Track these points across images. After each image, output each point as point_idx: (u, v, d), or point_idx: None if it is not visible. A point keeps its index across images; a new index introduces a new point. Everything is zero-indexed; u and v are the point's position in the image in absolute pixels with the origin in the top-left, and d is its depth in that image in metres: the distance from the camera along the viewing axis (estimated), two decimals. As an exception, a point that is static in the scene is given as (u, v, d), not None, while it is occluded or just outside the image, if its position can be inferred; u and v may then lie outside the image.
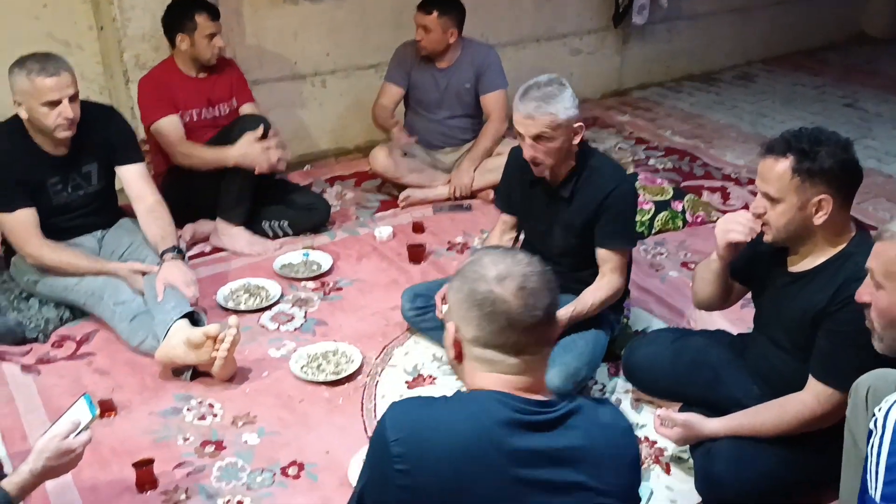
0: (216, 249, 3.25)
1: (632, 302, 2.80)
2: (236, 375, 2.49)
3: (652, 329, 2.67)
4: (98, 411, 1.81)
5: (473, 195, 3.67)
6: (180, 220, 3.26)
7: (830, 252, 1.88)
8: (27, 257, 2.67)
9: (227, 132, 3.22)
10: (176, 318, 2.46)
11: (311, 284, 3.01)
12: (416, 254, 3.15)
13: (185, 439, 2.24)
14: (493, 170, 3.59)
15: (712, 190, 3.76)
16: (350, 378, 2.48)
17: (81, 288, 2.66)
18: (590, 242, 2.35)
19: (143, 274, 2.63)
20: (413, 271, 3.08)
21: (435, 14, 3.45)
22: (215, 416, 2.33)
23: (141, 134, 3.30)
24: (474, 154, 3.64)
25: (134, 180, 2.79)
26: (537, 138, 2.23)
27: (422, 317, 2.61)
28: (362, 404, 2.39)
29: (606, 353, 2.45)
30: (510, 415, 1.26)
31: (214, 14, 3.21)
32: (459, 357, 1.34)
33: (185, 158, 3.18)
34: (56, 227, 2.72)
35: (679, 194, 3.49)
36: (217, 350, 2.36)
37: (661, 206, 3.38)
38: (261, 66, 3.93)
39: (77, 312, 2.75)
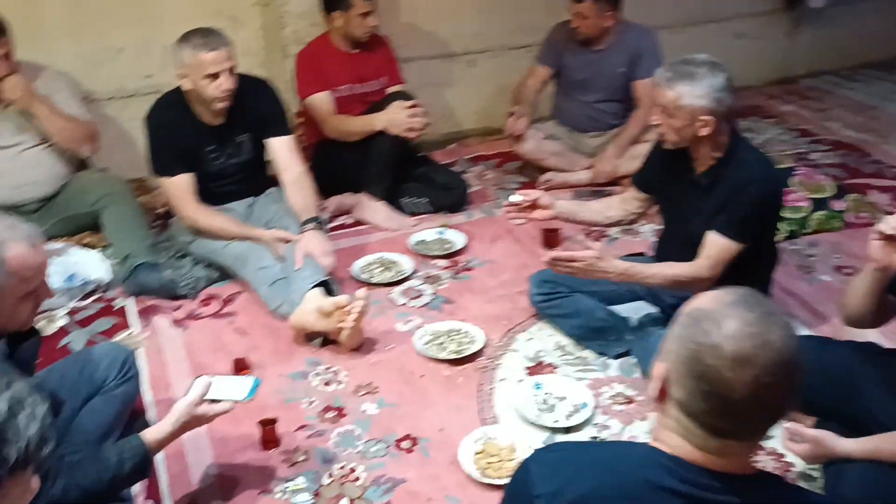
0: (357, 223, 3.36)
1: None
2: (364, 345, 2.57)
3: (795, 335, 2.50)
4: (253, 396, 1.93)
5: (616, 182, 3.57)
6: (327, 192, 3.42)
7: None
8: (183, 219, 2.87)
9: (377, 107, 3.32)
10: (310, 285, 2.56)
11: (442, 262, 3.05)
12: (551, 238, 3.11)
13: (310, 403, 2.34)
14: (639, 157, 3.40)
15: (882, 189, 3.47)
16: (471, 358, 2.49)
17: (228, 251, 2.82)
18: None
19: (285, 242, 2.76)
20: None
21: (589, 1, 3.37)
22: (339, 383, 2.42)
23: (295, 106, 3.46)
24: (620, 140, 3.54)
25: (281, 152, 2.93)
26: (663, 109, 2.18)
27: (548, 303, 2.57)
28: (480, 386, 2.40)
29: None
30: (672, 484, 1.10)
31: (370, -8, 3.30)
32: (661, 399, 1.17)
33: (335, 131, 3.31)
34: (211, 193, 2.90)
35: (841, 193, 3.23)
36: (345, 320, 2.44)
37: (818, 205, 3.15)
38: (412, 44, 3.98)
39: (225, 274, 2.92)
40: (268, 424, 2.16)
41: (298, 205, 2.85)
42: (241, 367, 2.45)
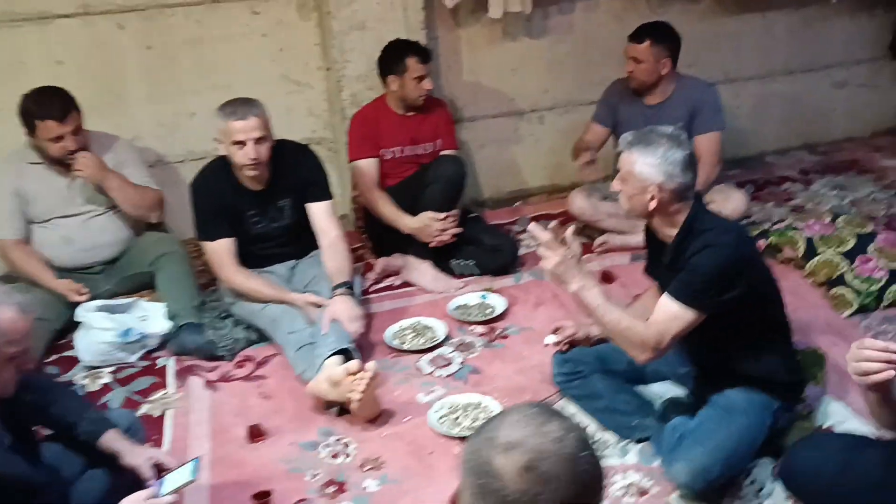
0: (405, 284, 3.34)
1: (827, 388, 2.40)
2: (381, 416, 2.53)
3: (844, 427, 2.26)
4: (196, 478, 1.94)
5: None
6: (379, 253, 3.44)
7: None
8: (223, 281, 2.95)
9: (424, 171, 3.34)
10: (329, 353, 2.56)
11: (479, 328, 2.97)
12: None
13: (314, 475, 2.32)
14: None
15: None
16: (484, 435, 2.40)
17: (265, 314, 2.88)
18: (712, 318, 2.05)
19: (317, 306, 2.78)
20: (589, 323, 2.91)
21: (648, 43, 3.26)
22: (347, 455, 2.39)
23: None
24: (681, 201, 3.36)
25: (319, 216, 2.97)
26: (620, 174, 2.14)
27: (569, 383, 2.46)
28: (489, 466, 2.30)
29: (773, 446, 2.13)
30: None
31: (425, 57, 3.32)
32: None
33: (368, 203, 3.36)
34: (253, 255, 2.98)
35: (927, 263, 2.92)
36: (354, 391, 2.42)
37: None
38: (476, 102, 3.98)
39: (263, 336, 2.98)
40: (261, 498, 2.16)
41: (332, 269, 2.88)
42: (255, 433, 2.48)
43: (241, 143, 2.75)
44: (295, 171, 2.96)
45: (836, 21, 4.18)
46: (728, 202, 3.32)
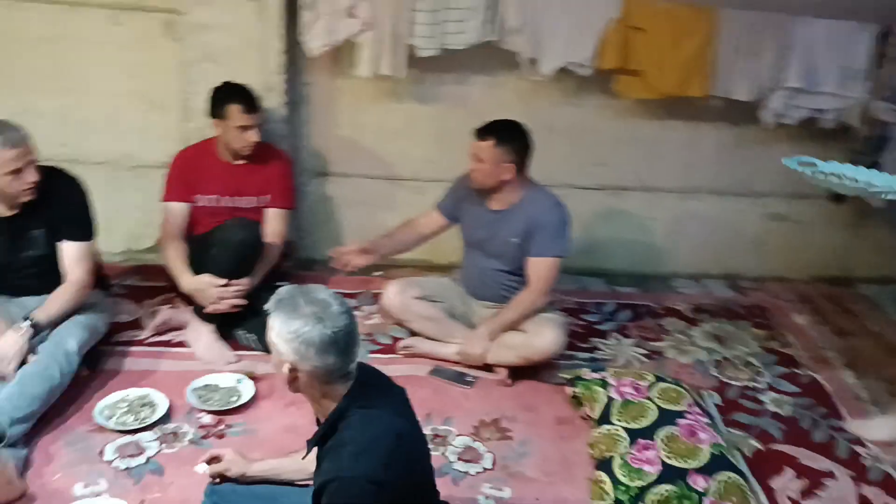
0: (182, 343, 3.07)
1: None
2: (22, 499, 2.26)
3: None
4: None
5: (488, 368, 3.00)
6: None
7: None
8: None
9: (216, 230, 3.05)
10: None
11: (207, 418, 2.67)
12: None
13: None
14: (514, 348, 2.94)
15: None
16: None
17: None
18: None
19: None
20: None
21: (490, 142, 2.88)
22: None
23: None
24: (496, 322, 2.98)
25: (67, 256, 2.76)
26: None
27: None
28: None
29: None
30: None
31: (250, 107, 3.04)
32: None
33: (161, 249, 3.12)
34: (4, 284, 2.78)
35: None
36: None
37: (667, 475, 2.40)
38: (351, 160, 3.70)
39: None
40: None
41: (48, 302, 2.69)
42: None
43: (18, 171, 2.55)
44: (56, 203, 2.72)
45: (775, 146, 3.67)
46: (536, 338, 2.91)
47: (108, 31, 3.40)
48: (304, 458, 1.94)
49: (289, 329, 1.69)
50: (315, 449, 1.86)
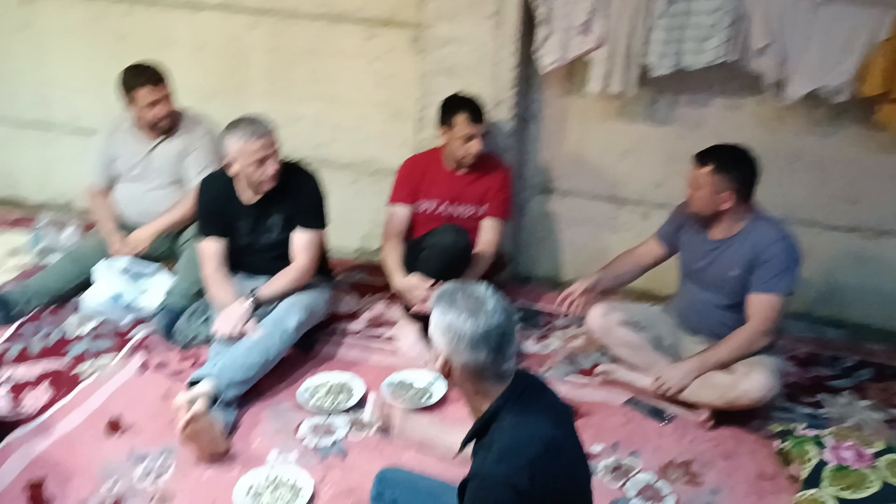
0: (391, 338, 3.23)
1: None
2: (225, 458, 2.50)
3: None
4: None
5: (687, 405, 2.80)
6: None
7: None
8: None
9: (428, 235, 3.20)
10: (189, 379, 2.64)
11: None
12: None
13: (113, 484, 2.37)
14: (717, 388, 2.74)
15: None
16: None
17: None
18: None
19: None
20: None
21: (709, 169, 2.71)
22: (155, 481, 2.40)
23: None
24: (705, 357, 2.77)
25: (296, 242, 3.03)
26: None
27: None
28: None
29: None
30: None
31: (476, 117, 3.15)
32: None
33: (382, 249, 3.31)
34: (243, 264, 3.12)
35: None
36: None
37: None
38: (576, 177, 3.66)
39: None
40: (36, 487, 2.28)
41: (272, 280, 2.95)
42: (114, 426, 2.61)
43: (262, 161, 2.86)
44: (294, 194, 3.00)
45: None
46: (744, 380, 2.65)
47: (362, 44, 3.69)
48: (454, 458, 1.94)
49: (444, 321, 1.72)
50: (470, 446, 1.86)
